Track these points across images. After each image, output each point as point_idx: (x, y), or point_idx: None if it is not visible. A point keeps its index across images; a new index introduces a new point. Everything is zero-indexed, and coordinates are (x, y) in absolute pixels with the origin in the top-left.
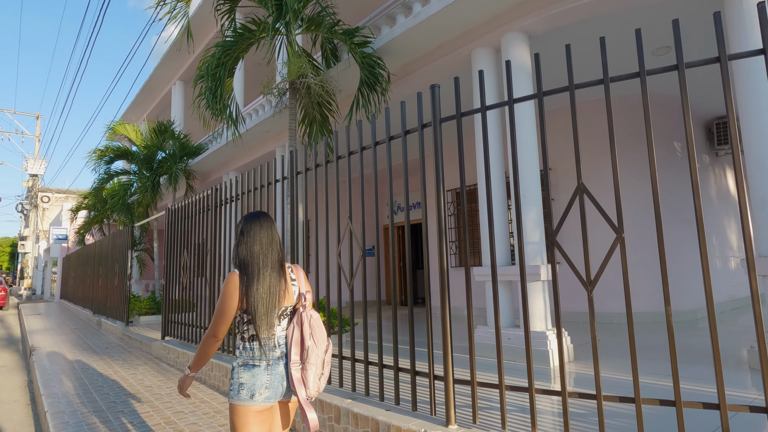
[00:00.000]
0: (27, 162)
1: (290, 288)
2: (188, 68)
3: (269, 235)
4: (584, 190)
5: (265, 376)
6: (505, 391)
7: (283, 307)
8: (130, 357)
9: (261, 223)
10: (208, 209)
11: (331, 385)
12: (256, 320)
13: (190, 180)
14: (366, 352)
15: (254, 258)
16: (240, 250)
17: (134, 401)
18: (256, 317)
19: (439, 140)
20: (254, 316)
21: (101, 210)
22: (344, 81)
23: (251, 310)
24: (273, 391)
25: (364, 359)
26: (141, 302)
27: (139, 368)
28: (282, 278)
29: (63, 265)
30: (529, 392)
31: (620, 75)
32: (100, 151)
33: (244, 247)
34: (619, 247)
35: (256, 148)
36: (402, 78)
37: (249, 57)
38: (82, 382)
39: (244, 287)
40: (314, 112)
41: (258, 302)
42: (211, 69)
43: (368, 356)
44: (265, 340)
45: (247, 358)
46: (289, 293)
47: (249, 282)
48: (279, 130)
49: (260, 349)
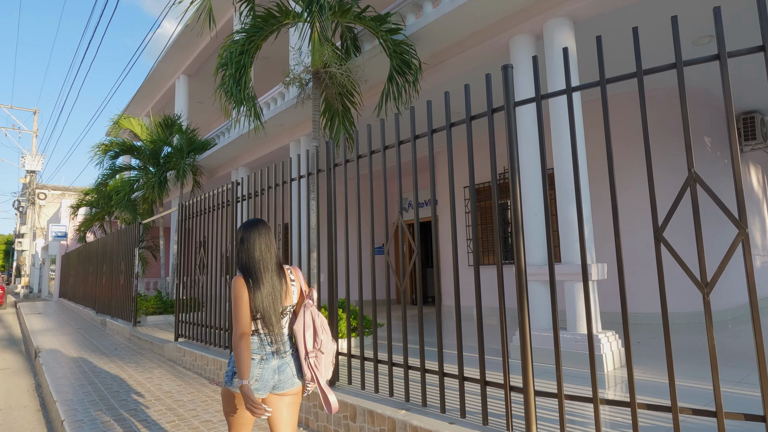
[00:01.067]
0: (24, 158)
1: (290, 289)
2: (193, 62)
3: (267, 241)
4: (697, 180)
5: (257, 369)
6: (599, 405)
7: (284, 307)
8: (142, 359)
9: (259, 231)
10: (226, 204)
11: (378, 394)
12: (265, 319)
13: (197, 176)
14: (422, 359)
15: (255, 263)
16: (241, 256)
17: (156, 409)
18: (264, 317)
19: (513, 125)
20: (263, 315)
21: (105, 206)
22: (369, 71)
23: (257, 310)
24: (262, 383)
25: (420, 367)
26: (148, 301)
27: (154, 372)
28: (282, 280)
29: (62, 263)
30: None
31: (658, 66)
32: (105, 145)
33: (245, 253)
34: (742, 243)
35: (267, 143)
36: (432, 67)
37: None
38: (96, 387)
39: (250, 289)
40: (337, 103)
41: (262, 303)
42: (235, 56)
43: (425, 363)
44: (272, 336)
45: None
46: (289, 293)
47: (253, 285)
48: (294, 124)
49: (258, 343)
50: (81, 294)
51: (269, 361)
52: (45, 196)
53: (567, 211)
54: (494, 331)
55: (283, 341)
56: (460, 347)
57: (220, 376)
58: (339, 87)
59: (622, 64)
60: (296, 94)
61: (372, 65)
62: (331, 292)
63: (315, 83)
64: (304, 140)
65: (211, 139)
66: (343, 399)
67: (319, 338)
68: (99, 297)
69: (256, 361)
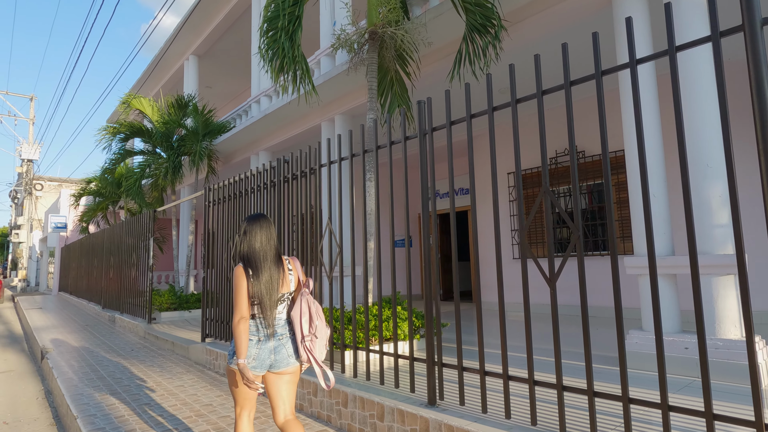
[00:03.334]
0: (21, 146)
1: (287, 277)
2: (204, 41)
3: (268, 234)
4: None
5: (255, 349)
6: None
7: (281, 294)
8: (166, 362)
9: (261, 224)
10: (270, 185)
11: (463, 407)
12: (262, 305)
13: (212, 161)
14: (531, 369)
15: (255, 253)
16: (243, 247)
17: (202, 429)
18: (261, 302)
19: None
20: (260, 301)
21: (112, 194)
22: (431, 32)
23: (255, 296)
24: (260, 362)
25: (529, 378)
26: (162, 296)
27: (184, 379)
28: (280, 269)
29: (62, 256)
30: None
31: None
32: (113, 127)
33: (246, 244)
34: None
35: (294, 124)
36: (511, 26)
37: None
38: (120, 397)
39: (250, 277)
40: (392, 71)
41: (260, 290)
42: (288, 5)
43: (533, 374)
44: (266, 320)
45: None
46: (287, 282)
47: (253, 273)
48: (329, 100)
49: (256, 326)
50: (84, 288)
51: (266, 343)
52: (42, 186)
53: (703, 190)
54: (598, 335)
55: (279, 325)
56: (588, 358)
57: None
58: (397, 50)
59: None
60: (343, 61)
61: (436, 25)
62: (392, 288)
63: (371, 45)
64: (340, 120)
65: (226, 121)
66: (413, 413)
67: (314, 324)
68: (106, 291)
69: (254, 341)
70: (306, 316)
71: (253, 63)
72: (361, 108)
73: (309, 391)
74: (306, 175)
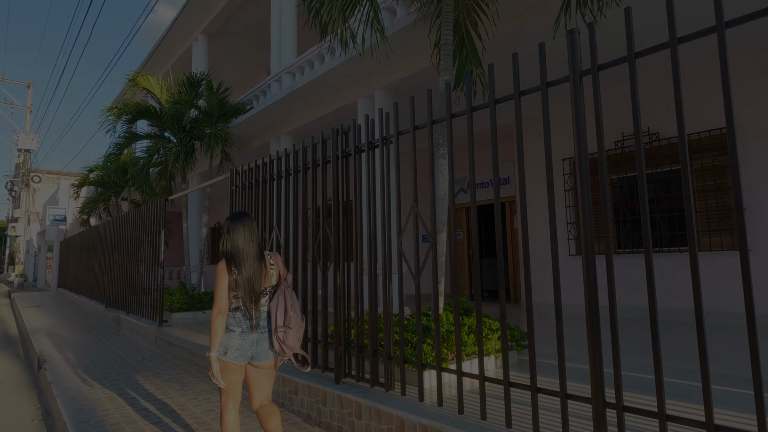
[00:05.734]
0: (17, 135)
1: (269, 272)
2: (213, 20)
3: (250, 231)
4: None
5: (238, 340)
6: None
7: (264, 288)
8: (186, 376)
9: (243, 222)
10: (314, 165)
11: None
12: (245, 299)
13: (227, 146)
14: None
15: (238, 250)
16: (226, 244)
17: None
18: (245, 296)
19: None
20: (244, 295)
21: (117, 183)
22: None
23: (239, 291)
24: (242, 352)
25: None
26: (172, 295)
27: (213, 400)
28: (262, 264)
29: (61, 250)
30: None
31: None
32: (118, 108)
33: (229, 242)
34: None
35: (324, 102)
36: None
37: None
38: (138, 427)
39: (233, 272)
40: (463, 25)
41: (243, 285)
42: None
43: None
44: (249, 313)
45: (228, 324)
46: (268, 276)
47: (237, 269)
48: (370, 72)
49: (240, 318)
50: (85, 284)
51: (249, 334)
52: (40, 179)
53: None
54: (679, 342)
55: (262, 318)
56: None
57: (322, 412)
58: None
59: None
60: (402, 16)
61: None
62: (454, 287)
63: None
64: (381, 95)
65: (242, 103)
66: None
67: (288, 315)
68: (109, 288)
69: (237, 333)
70: (282, 308)
71: (272, 39)
72: (407, 80)
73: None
74: (359, 152)
